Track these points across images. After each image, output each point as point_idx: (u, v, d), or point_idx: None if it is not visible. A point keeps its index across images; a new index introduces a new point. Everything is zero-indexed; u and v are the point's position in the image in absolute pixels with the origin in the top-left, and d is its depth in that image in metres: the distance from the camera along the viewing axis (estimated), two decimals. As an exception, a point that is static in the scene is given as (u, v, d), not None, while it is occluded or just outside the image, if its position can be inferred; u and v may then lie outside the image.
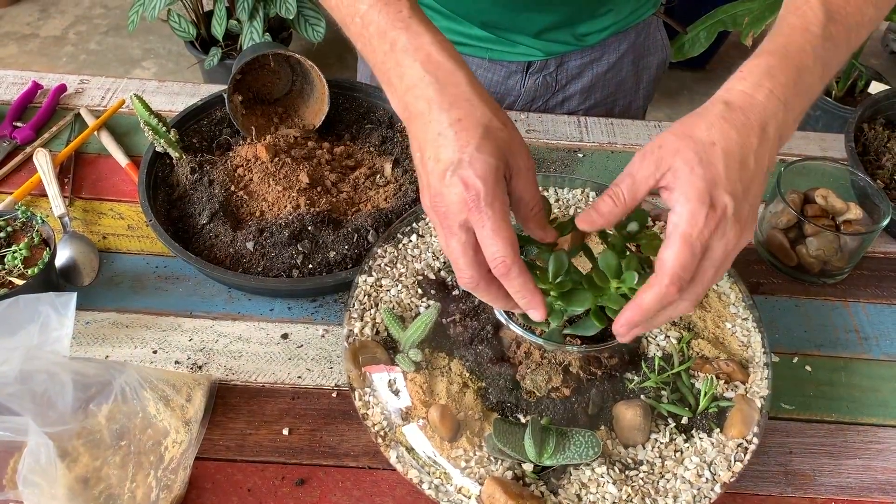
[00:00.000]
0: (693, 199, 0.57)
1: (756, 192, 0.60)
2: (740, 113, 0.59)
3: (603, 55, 1.18)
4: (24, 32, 3.02)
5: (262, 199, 0.93)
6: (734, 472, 0.71)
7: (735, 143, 0.58)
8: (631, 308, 0.59)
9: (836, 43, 0.64)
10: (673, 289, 0.57)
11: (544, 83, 1.19)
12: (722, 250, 0.59)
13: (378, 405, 0.74)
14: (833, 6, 0.64)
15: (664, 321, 0.62)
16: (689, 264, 0.57)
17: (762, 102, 0.59)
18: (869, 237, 0.93)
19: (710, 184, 0.57)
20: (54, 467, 0.61)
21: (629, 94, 1.25)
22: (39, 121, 1.05)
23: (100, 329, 0.85)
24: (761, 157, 0.59)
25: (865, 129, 1.12)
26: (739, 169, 0.58)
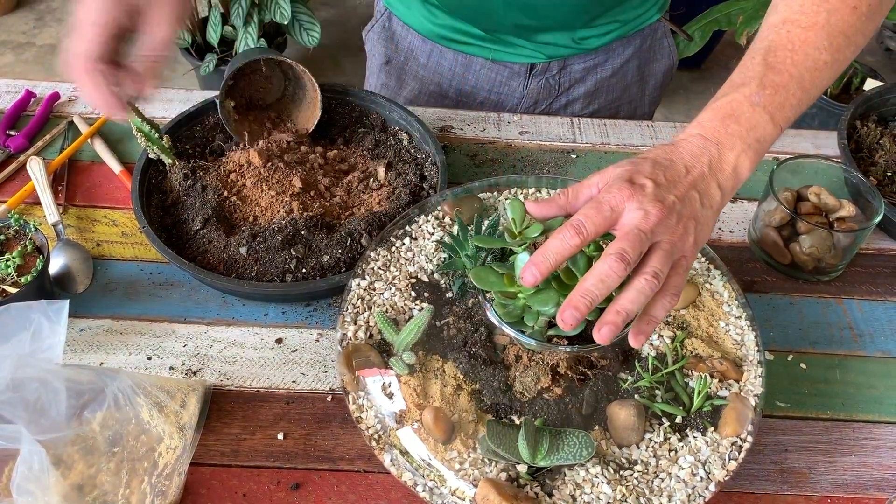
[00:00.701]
0: (614, 178, 0.63)
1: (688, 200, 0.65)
2: (671, 146, 0.67)
3: (607, 60, 1.18)
4: (21, 41, 3.03)
5: (255, 205, 0.93)
6: (729, 471, 0.71)
7: (659, 155, 0.66)
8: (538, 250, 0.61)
9: (783, 88, 0.69)
10: (571, 231, 0.60)
11: (547, 86, 1.19)
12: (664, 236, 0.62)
13: (372, 408, 0.74)
14: (776, 58, 0.70)
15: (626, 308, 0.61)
16: (589, 214, 0.61)
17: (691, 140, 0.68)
18: (862, 234, 0.93)
19: (632, 171, 0.64)
20: (47, 475, 0.61)
21: (634, 100, 1.25)
22: (33, 129, 1.05)
23: (94, 336, 0.85)
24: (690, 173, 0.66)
25: (858, 127, 1.12)
26: (665, 168, 0.65)
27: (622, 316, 0.61)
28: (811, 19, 0.71)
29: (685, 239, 0.64)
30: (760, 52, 0.71)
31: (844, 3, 0.72)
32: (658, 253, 0.62)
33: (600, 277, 0.59)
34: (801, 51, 0.70)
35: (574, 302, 0.59)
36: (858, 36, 0.73)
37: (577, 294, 0.60)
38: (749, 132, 0.67)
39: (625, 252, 0.59)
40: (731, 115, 0.68)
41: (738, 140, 0.67)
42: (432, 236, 0.87)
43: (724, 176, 0.67)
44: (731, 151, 0.67)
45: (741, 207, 1.05)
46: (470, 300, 0.80)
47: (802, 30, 0.71)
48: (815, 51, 0.70)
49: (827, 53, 0.71)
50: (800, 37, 0.71)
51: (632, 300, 0.61)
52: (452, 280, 0.82)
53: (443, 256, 0.85)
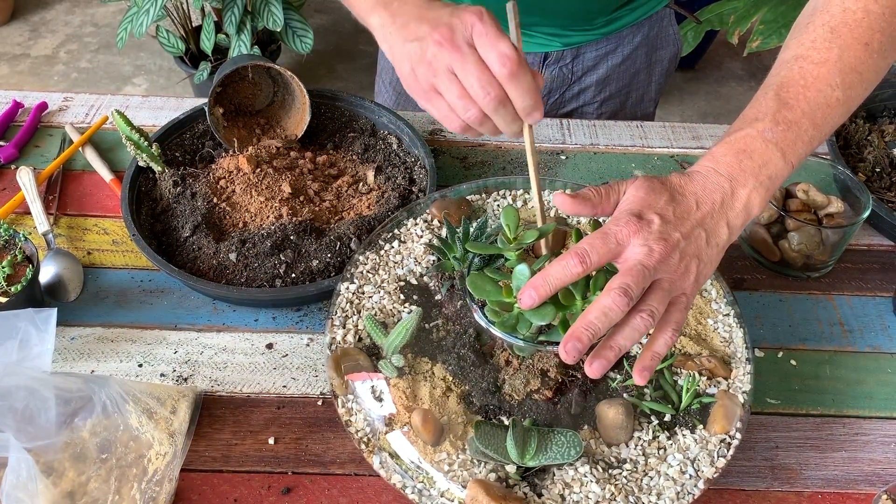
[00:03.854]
0: (624, 210, 0.65)
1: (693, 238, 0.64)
2: (686, 176, 0.68)
3: (618, 47, 1.20)
4: (15, 53, 3.03)
5: (244, 210, 0.93)
6: (718, 468, 0.71)
7: (678, 185, 0.66)
8: (578, 322, 0.60)
9: (795, 124, 0.68)
10: (575, 259, 0.60)
11: (560, 75, 1.20)
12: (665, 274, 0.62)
13: (361, 412, 0.74)
14: (789, 94, 0.69)
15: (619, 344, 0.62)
16: (595, 244, 0.61)
17: (704, 174, 0.67)
18: (850, 230, 0.93)
19: (643, 204, 0.64)
20: (35, 483, 0.61)
21: (642, 87, 1.27)
22: (22, 139, 1.05)
23: (85, 344, 0.85)
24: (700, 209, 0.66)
25: (846, 123, 1.12)
26: (676, 203, 0.65)
27: (614, 351, 0.61)
28: (823, 55, 0.70)
29: (686, 277, 0.63)
30: (773, 87, 0.70)
31: (856, 40, 0.71)
32: (657, 291, 0.62)
33: (603, 311, 0.59)
34: (813, 87, 0.69)
35: (577, 334, 0.59)
36: (871, 73, 0.72)
37: (581, 326, 0.60)
38: (761, 169, 0.67)
39: (628, 287, 0.59)
40: (744, 150, 0.67)
41: (750, 177, 0.66)
42: (421, 239, 0.87)
43: (735, 213, 0.66)
44: (743, 188, 0.66)
45: (730, 206, 1.05)
46: (458, 302, 0.81)
47: (815, 66, 0.70)
48: (828, 87, 0.69)
49: (839, 90, 0.70)
50: (812, 73, 0.70)
51: (626, 336, 0.61)
52: (441, 282, 0.83)
53: (431, 259, 0.85)
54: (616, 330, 0.61)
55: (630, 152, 1.12)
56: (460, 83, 0.67)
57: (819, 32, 0.71)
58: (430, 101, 0.70)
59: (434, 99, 0.69)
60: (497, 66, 0.65)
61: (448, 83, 0.67)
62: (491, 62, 0.65)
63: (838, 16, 0.71)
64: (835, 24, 0.71)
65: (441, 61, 0.67)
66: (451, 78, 0.67)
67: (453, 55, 0.66)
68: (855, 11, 0.71)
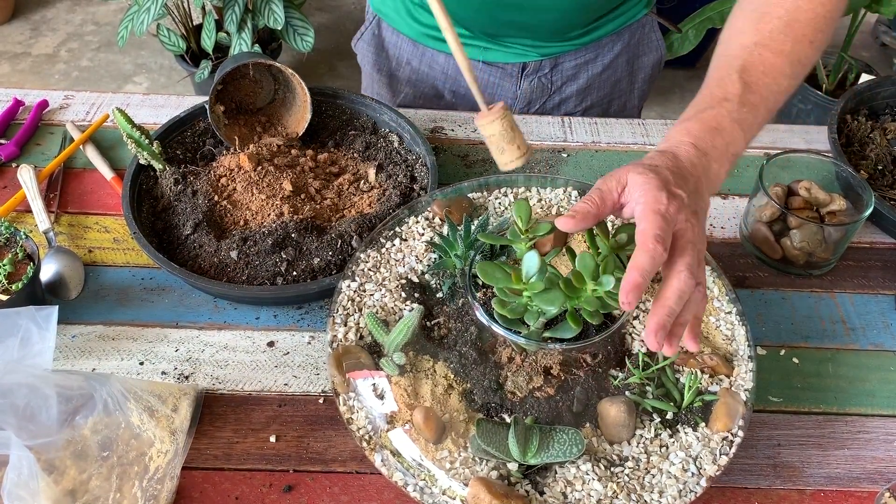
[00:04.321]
0: (652, 189, 0.65)
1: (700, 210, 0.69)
2: (669, 153, 0.70)
3: (597, 56, 1.18)
4: (16, 51, 3.03)
5: (245, 209, 0.93)
6: (720, 466, 0.71)
7: (671, 165, 0.68)
8: (629, 270, 0.62)
9: (755, 107, 0.74)
10: (659, 247, 0.62)
11: (539, 85, 1.19)
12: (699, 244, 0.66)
13: (362, 410, 0.74)
14: (751, 78, 0.75)
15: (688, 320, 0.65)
16: (664, 228, 0.63)
17: (685, 148, 0.70)
18: (852, 227, 0.93)
19: (664, 181, 0.66)
20: (37, 481, 0.61)
21: (624, 94, 1.25)
22: (23, 137, 1.05)
23: (86, 342, 0.85)
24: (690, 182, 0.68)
25: (849, 121, 1.12)
26: (682, 179, 0.67)
27: (684, 327, 0.66)
28: (780, 47, 0.77)
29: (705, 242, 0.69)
30: (736, 69, 0.75)
31: (805, 36, 0.78)
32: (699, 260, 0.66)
33: (679, 294, 0.63)
34: (770, 74, 0.76)
35: (662, 322, 0.62)
36: (809, 67, 0.80)
37: (664, 313, 0.62)
38: (728, 146, 0.72)
39: (692, 267, 0.64)
40: (716, 128, 0.72)
41: (721, 153, 0.71)
42: (422, 237, 0.87)
43: (712, 186, 0.71)
44: (716, 163, 0.71)
45: (732, 203, 1.05)
46: (460, 300, 0.81)
47: (772, 55, 0.76)
48: (782, 76, 0.76)
49: (789, 80, 0.77)
50: (770, 61, 0.76)
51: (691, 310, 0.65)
52: (442, 280, 0.83)
53: (433, 257, 0.85)
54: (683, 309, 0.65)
55: (631, 150, 1.11)
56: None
57: (776, 24, 0.78)
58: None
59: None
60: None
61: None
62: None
63: (793, 12, 0.78)
64: (790, 19, 0.78)
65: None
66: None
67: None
68: (807, 11, 0.78)
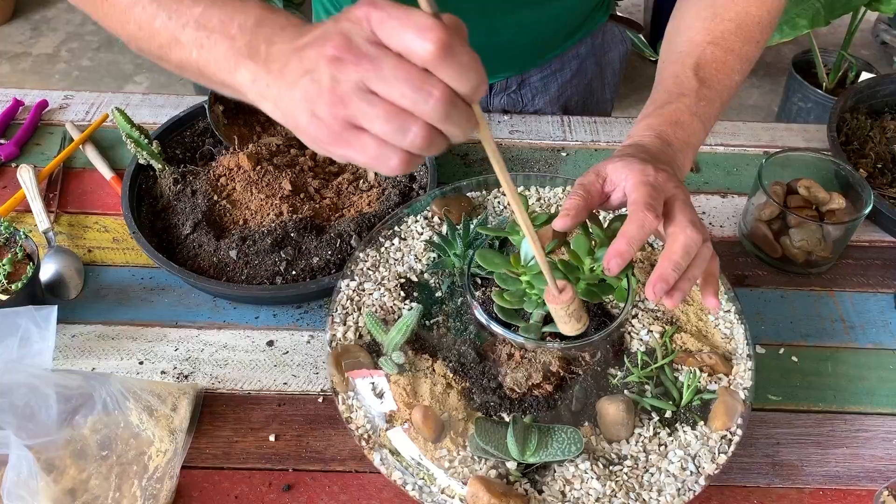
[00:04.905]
0: (636, 164, 0.68)
1: None
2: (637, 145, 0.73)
3: (563, 66, 1.18)
4: (17, 51, 3.04)
5: (245, 208, 0.93)
6: (718, 465, 0.71)
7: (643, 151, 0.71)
8: (617, 238, 0.63)
9: (712, 101, 0.78)
10: (650, 214, 0.64)
11: (510, 101, 1.19)
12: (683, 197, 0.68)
13: (361, 409, 0.74)
14: (706, 74, 0.79)
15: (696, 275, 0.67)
16: (654, 196, 0.65)
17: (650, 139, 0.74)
18: (852, 226, 0.93)
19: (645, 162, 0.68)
20: (36, 480, 0.61)
21: (597, 92, 1.25)
22: (22, 137, 1.05)
23: (86, 342, 0.85)
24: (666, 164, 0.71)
25: (848, 119, 1.12)
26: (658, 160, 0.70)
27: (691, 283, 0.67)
28: (730, 46, 0.82)
29: None
30: (691, 67, 0.80)
31: (752, 38, 0.83)
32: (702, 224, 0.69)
33: (685, 248, 0.65)
34: (723, 71, 0.80)
35: (665, 274, 0.64)
36: (753, 65, 0.85)
37: (669, 266, 0.64)
38: (689, 138, 0.76)
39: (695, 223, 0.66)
40: (676, 122, 0.75)
41: (683, 144, 0.75)
42: (421, 236, 0.87)
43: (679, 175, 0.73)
44: (680, 154, 0.74)
45: (731, 202, 1.05)
46: (459, 299, 0.81)
47: (724, 53, 0.81)
48: (733, 72, 0.81)
49: (739, 76, 0.82)
50: (722, 59, 0.81)
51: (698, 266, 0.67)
52: (441, 279, 0.83)
53: (432, 256, 0.85)
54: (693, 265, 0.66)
55: (631, 149, 1.11)
56: (384, 100, 0.48)
57: (727, 26, 0.82)
58: (350, 143, 0.51)
59: (354, 139, 0.50)
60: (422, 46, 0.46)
61: (368, 107, 0.48)
62: (412, 48, 0.46)
63: (742, 16, 0.83)
64: (740, 21, 0.83)
65: (346, 83, 0.48)
66: (370, 99, 0.48)
67: (361, 66, 0.48)
68: (754, 15, 0.83)
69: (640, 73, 2.95)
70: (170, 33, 0.61)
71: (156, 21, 0.61)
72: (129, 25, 0.64)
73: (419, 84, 0.47)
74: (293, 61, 0.52)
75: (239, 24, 0.57)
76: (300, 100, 0.51)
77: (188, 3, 0.60)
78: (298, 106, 0.51)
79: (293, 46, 0.53)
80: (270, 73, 0.54)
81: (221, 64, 0.57)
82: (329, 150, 0.52)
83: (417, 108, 0.48)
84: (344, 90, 0.49)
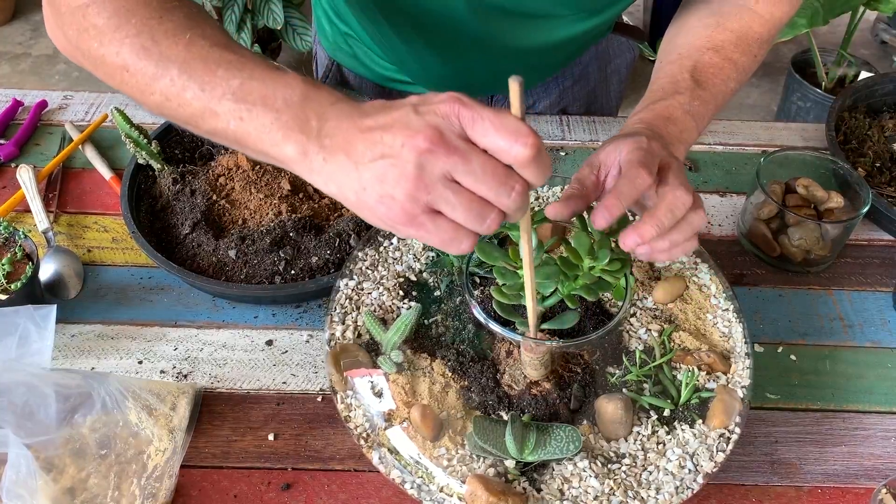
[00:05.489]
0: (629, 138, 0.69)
1: None
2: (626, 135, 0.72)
3: (564, 72, 1.17)
4: (17, 52, 3.04)
5: (244, 208, 0.93)
6: (717, 463, 0.71)
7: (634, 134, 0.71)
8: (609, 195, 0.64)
9: (706, 102, 0.79)
10: (643, 171, 0.65)
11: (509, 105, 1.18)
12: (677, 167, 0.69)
13: (360, 408, 0.74)
14: (702, 78, 0.81)
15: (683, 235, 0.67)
16: (648, 157, 0.66)
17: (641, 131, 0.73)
18: (850, 224, 0.93)
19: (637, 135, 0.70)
20: (35, 479, 0.61)
21: (601, 99, 1.24)
22: (22, 137, 1.06)
23: (85, 341, 0.86)
24: None
25: (847, 118, 1.12)
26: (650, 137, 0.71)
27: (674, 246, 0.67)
28: (729, 54, 0.83)
29: None
30: (688, 69, 0.81)
31: (751, 50, 0.85)
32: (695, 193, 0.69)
33: (671, 209, 0.65)
34: (720, 76, 0.82)
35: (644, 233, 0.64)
36: (748, 77, 0.87)
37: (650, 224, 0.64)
38: (682, 134, 0.76)
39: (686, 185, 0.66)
40: (668, 118, 0.76)
41: (675, 139, 0.75)
42: (420, 235, 0.87)
43: None
44: (672, 147, 0.73)
45: (730, 201, 1.05)
46: (458, 298, 0.81)
47: (722, 60, 0.83)
48: (728, 80, 0.83)
49: (734, 84, 0.84)
50: (720, 65, 0.82)
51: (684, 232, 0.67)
52: (440, 279, 0.83)
53: (430, 255, 0.85)
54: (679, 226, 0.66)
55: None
56: (468, 191, 0.53)
57: (728, 36, 0.84)
58: (423, 225, 0.54)
59: (430, 222, 0.54)
60: (519, 150, 0.51)
61: (453, 196, 0.53)
62: (506, 150, 0.52)
63: (745, 29, 0.85)
64: (741, 34, 0.85)
65: (433, 173, 0.52)
66: (454, 188, 0.53)
67: (452, 159, 0.52)
68: (756, 31, 0.86)
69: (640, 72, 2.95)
70: (203, 104, 0.61)
71: (186, 93, 0.61)
72: (154, 96, 0.64)
73: (504, 179, 0.52)
74: (359, 142, 0.54)
75: (284, 98, 0.58)
76: (371, 180, 0.53)
77: (223, 75, 0.60)
78: (368, 186, 0.54)
79: (356, 126, 0.55)
80: (325, 149, 0.56)
81: (264, 136, 0.58)
82: (397, 228, 0.55)
83: (499, 200, 0.53)
84: (430, 179, 0.52)
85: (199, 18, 0.66)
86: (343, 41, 1.14)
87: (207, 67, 0.61)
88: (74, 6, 0.66)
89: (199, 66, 0.61)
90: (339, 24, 1.12)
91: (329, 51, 1.19)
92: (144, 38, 0.63)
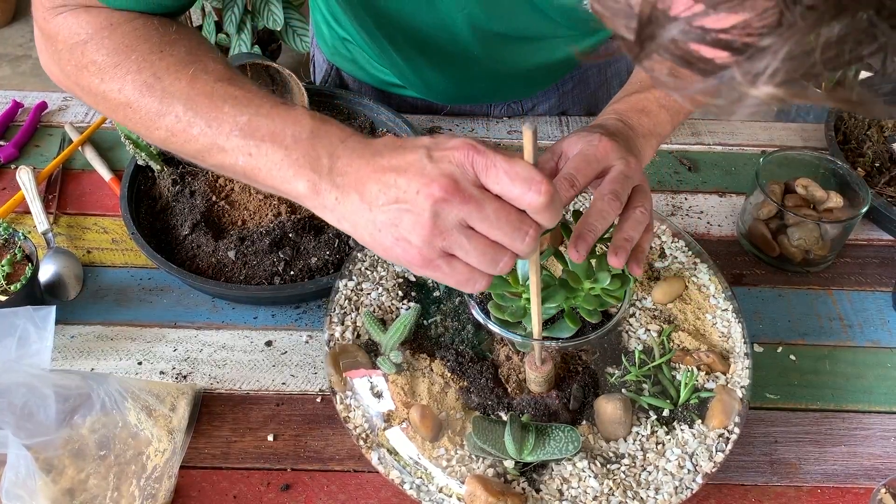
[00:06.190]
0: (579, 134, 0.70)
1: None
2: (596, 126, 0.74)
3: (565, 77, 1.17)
4: (17, 54, 3.04)
5: (243, 208, 0.94)
6: (716, 463, 0.71)
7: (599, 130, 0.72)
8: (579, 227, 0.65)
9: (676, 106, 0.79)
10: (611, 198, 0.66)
11: (510, 110, 1.19)
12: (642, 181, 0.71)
13: (359, 408, 0.74)
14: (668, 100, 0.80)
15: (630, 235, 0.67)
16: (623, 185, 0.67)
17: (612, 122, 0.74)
18: (850, 224, 0.93)
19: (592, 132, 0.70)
20: (34, 480, 0.61)
21: (601, 102, 1.24)
22: (22, 138, 1.06)
23: (85, 342, 0.86)
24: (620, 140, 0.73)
25: (846, 118, 1.12)
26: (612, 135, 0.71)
27: (630, 242, 0.66)
28: None
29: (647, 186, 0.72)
30: None
31: None
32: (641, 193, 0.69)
33: (601, 214, 0.65)
34: None
35: (583, 235, 0.64)
36: None
37: (584, 228, 0.64)
38: (655, 127, 0.77)
39: (617, 192, 0.66)
40: (643, 110, 0.77)
41: (647, 131, 0.76)
42: (419, 236, 0.87)
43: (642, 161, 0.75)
44: (642, 138, 0.75)
45: (729, 201, 1.05)
46: (457, 298, 0.81)
47: None
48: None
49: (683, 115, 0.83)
50: None
51: (633, 228, 0.67)
52: (439, 279, 0.83)
53: (430, 256, 0.85)
54: (622, 225, 0.67)
55: (629, 148, 1.11)
56: (482, 236, 0.54)
57: None
58: (439, 267, 0.56)
59: (445, 265, 0.55)
60: (533, 197, 0.52)
61: (468, 242, 0.54)
62: (519, 196, 0.53)
63: None
64: None
65: (448, 220, 0.53)
66: (469, 234, 0.54)
67: (467, 207, 0.53)
68: None
69: (640, 73, 2.94)
70: (210, 140, 0.61)
71: (192, 129, 0.61)
72: (159, 132, 0.64)
73: (518, 225, 0.54)
74: (372, 183, 0.55)
75: (293, 134, 0.58)
76: (386, 224, 0.55)
77: (230, 111, 0.60)
78: (383, 228, 0.55)
79: (369, 165, 0.56)
80: (337, 188, 0.57)
81: (275, 173, 0.59)
82: (413, 269, 0.56)
83: (513, 244, 0.54)
84: (445, 225, 0.53)
85: (200, 52, 0.66)
86: (342, 46, 1.14)
87: (213, 103, 0.61)
88: (72, 43, 0.66)
89: (204, 102, 0.61)
90: (337, 30, 1.12)
91: (328, 55, 1.19)
92: (146, 75, 0.63)
